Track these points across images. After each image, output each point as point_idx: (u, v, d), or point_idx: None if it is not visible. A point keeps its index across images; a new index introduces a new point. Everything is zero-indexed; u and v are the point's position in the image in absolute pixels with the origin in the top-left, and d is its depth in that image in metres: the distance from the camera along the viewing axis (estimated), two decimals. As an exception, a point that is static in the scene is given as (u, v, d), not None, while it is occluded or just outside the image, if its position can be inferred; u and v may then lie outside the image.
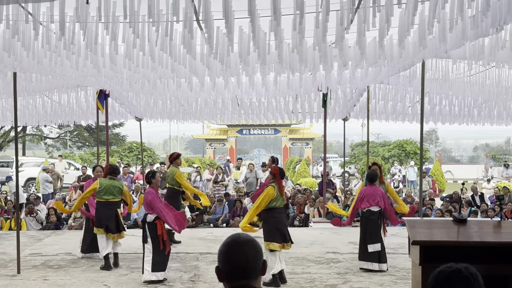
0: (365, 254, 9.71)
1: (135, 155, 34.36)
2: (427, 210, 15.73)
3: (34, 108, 15.95)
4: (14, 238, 9.93)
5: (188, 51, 7.70)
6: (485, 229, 5.68)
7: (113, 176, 10.23)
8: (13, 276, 9.51)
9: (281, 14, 6.45)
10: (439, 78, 11.70)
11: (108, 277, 9.34)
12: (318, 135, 43.45)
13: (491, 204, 18.03)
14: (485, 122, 16.87)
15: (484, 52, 8.65)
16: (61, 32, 6.75)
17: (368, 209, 9.73)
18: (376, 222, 9.74)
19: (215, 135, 45.82)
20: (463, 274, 2.46)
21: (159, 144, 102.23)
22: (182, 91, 12.89)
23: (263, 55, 7.75)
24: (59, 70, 9.53)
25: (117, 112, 17.33)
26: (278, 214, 8.87)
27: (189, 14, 6.56)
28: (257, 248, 2.54)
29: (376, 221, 9.73)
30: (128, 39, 7.63)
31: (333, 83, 12.13)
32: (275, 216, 8.82)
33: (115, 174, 10.29)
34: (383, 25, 6.78)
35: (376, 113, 16.42)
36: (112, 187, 10.06)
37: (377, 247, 9.63)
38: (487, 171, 37.50)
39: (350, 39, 7.91)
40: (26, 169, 30.35)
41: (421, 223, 6.03)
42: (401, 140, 37.85)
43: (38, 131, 48.94)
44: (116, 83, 11.55)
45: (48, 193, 21.81)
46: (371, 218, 9.71)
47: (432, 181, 25.23)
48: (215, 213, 16.55)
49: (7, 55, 7.91)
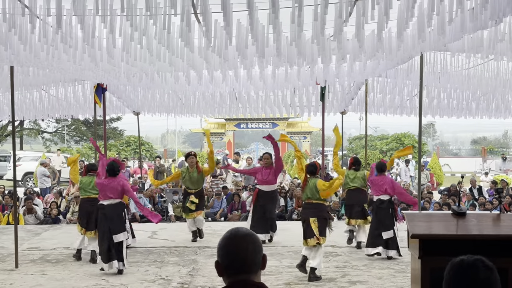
0: (372, 240, 10.14)
1: (133, 149, 34.33)
2: (426, 204, 15.73)
3: (31, 102, 15.88)
4: (12, 232, 9.92)
5: (186, 45, 7.65)
6: (485, 222, 5.66)
7: (93, 173, 10.21)
8: (11, 271, 9.50)
9: (279, 7, 6.43)
10: (437, 71, 11.67)
11: (106, 272, 9.32)
12: (316, 129, 43.37)
13: (489, 197, 18.04)
14: (483, 115, 16.85)
15: (483, 45, 8.62)
16: (58, 25, 6.71)
17: (378, 198, 10.16)
18: (387, 210, 10.12)
19: (212, 128, 45.75)
20: (486, 263, 2.48)
21: (157, 138, 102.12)
22: (180, 85, 12.85)
23: (261, 48, 7.71)
24: (56, 63, 9.48)
25: (115, 106, 17.28)
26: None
27: (187, 7, 6.52)
28: (257, 242, 2.53)
29: (386, 209, 10.12)
30: (126, 33, 7.58)
31: (331, 77, 12.09)
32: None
33: (94, 170, 10.24)
34: (381, 18, 6.75)
35: (374, 107, 16.39)
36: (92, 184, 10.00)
37: (390, 233, 10.02)
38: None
39: (349, 32, 7.88)
40: (24, 163, 30.28)
41: (420, 217, 6.01)
42: (399, 134, 37.89)
43: (35, 126, 48.82)
44: (114, 76, 11.50)
45: (46, 187, 21.77)
46: (381, 207, 10.12)
47: (430, 174, 25.26)
48: (213, 207, 16.52)
49: (4, 49, 7.87)
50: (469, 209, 15.86)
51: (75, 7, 6.42)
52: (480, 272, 2.44)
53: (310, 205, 8.84)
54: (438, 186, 26.43)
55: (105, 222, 9.10)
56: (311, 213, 8.78)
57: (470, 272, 2.45)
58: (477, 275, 2.44)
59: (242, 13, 6.89)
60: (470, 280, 2.43)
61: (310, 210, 8.84)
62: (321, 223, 8.72)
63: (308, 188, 8.85)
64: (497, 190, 6.16)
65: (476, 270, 2.44)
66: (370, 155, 31.33)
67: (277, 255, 10.48)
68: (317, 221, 8.68)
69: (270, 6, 6.40)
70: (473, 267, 2.45)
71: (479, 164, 39.63)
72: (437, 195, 19.42)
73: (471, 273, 2.44)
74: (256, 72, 11.79)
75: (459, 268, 2.48)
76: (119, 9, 6.48)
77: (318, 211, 8.79)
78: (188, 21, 6.74)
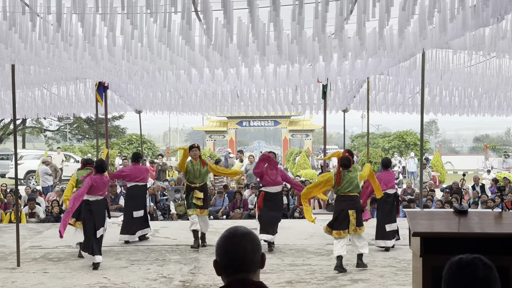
0: (381, 233, 10.65)
1: (135, 147, 34.35)
2: (428, 202, 15.71)
3: (33, 101, 15.86)
4: (14, 230, 9.92)
5: (187, 43, 7.63)
6: (486, 220, 5.64)
7: (89, 166, 10.65)
8: (12, 269, 9.50)
9: (280, 4, 6.41)
10: (439, 68, 11.63)
11: (108, 270, 9.33)
12: (318, 127, 43.39)
13: (492, 194, 18.01)
14: (485, 113, 16.81)
15: (485, 42, 8.60)
16: (58, 23, 6.69)
17: (385, 192, 10.47)
18: (392, 204, 10.74)
19: (215, 127, 45.75)
20: (485, 262, 2.46)
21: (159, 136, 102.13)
22: (181, 83, 12.83)
23: (262, 46, 7.69)
24: (57, 62, 9.48)
25: (117, 104, 17.26)
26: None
27: (187, 5, 6.50)
28: (256, 241, 2.52)
29: (392, 203, 10.74)
30: (126, 31, 7.57)
31: (333, 74, 12.06)
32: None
33: (90, 164, 10.78)
34: (383, 16, 6.72)
35: (376, 104, 16.36)
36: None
37: (394, 226, 10.68)
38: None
39: (350, 29, 7.85)
40: (26, 162, 30.32)
41: (421, 215, 6.00)
42: (401, 131, 37.89)
43: (38, 124, 48.85)
44: (115, 75, 11.49)
45: (48, 185, 21.83)
46: (387, 201, 10.64)
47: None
48: (215, 205, 16.52)
49: (4, 47, 7.86)
50: (472, 207, 15.85)
51: (75, 5, 6.40)
52: (479, 271, 2.42)
53: (348, 197, 9.22)
54: (440, 184, 26.41)
55: (91, 217, 9.46)
56: (349, 206, 9.19)
57: (469, 270, 2.43)
58: (476, 274, 2.42)
59: (243, 11, 6.87)
60: (469, 279, 2.42)
61: (348, 202, 9.22)
62: (359, 215, 9.23)
63: (347, 181, 9.20)
64: (499, 188, 6.14)
65: (475, 269, 2.43)
66: (372, 153, 31.33)
67: (279, 253, 10.46)
68: (355, 213, 9.16)
69: (271, 4, 6.37)
70: (472, 266, 2.44)
71: (482, 161, 39.55)
72: (439, 193, 19.40)
73: (470, 271, 2.43)
74: (258, 70, 11.76)
75: (458, 267, 2.46)
76: (119, 7, 6.46)
77: (356, 203, 9.27)
78: (189, 19, 6.72)
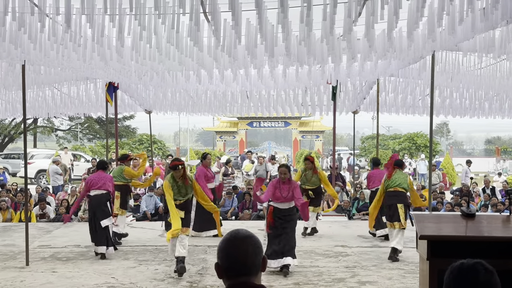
0: (380, 224, 11.35)
1: (145, 147, 34.45)
2: (438, 205, 15.64)
3: (43, 100, 15.95)
4: (24, 230, 9.97)
5: (195, 44, 7.65)
6: (494, 223, 5.62)
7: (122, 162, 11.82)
8: (21, 268, 9.55)
9: (288, 6, 6.41)
10: (449, 70, 11.58)
11: (116, 270, 9.35)
12: (329, 128, 43.26)
13: (502, 198, 17.91)
14: (496, 115, 16.73)
15: (495, 45, 8.56)
16: (67, 24, 6.72)
17: (377, 188, 10.93)
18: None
19: (225, 127, 45.81)
20: (486, 266, 2.46)
21: (169, 136, 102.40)
22: (191, 84, 12.86)
23: (271, 48, 7.70)
24: (66, 62, 9.53)
25: (127, 104, 17.34)
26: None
27: (195, 6, 6.52)
28: (257, 244, 2.51)
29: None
30: (135, 32, 7.60)
31: (343, 76, 12.06)
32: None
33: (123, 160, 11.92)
34: (391, 18, 6.71)
35: (386, 106, 16.34)
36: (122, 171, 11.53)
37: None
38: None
39: (359, 31, 7.84)
40: (37, 161, 30.45)
41: (429, 218, 5.98)
42: (412, 133, 37.75)
43: (49, 123, 49.09)
44: (125, 75, 11.54)
45: (58, 185, 21.92)
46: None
47: (443, 174, 25.10)
48: (224, 206, 16.53)
49: (14, 47, 7.90)
50: (481, 210, 15.75)
51: (84, 6, 6.43)
52: (480, 275, 2.42)
53: (397, 192, 9.99)
54: (450, 186, 26.27)
55: (91, 210, 10.36)
56: (399, 200, 9.92)
57: (470, 275, 2.43)
58: (477, 279, 2.41)
59: (251, 12, 6.87)
60: (470, 284, 2.41)
61: (397, 197, 9.96)
62: (406, 209, 9.92)
63: (399, 178, 10.05)
64: (507, 191, 6.10)
65: (476, 274, 2.42)
66: (383, 154, 31.24)
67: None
68: (403, 207, 9.87)
69: (279, 6, 6.38)
70: (473, 271, 2.43)
71: (493, 164, 39.31)
72: (449, 196, 19.30)
73: (471, 276, 2.42)
74: (267, 71, 11.77)
75: (459, 272, 2.46)
76: (128, 8, 6.49)
77: (404, 198, 10.01)
78: (197, 20, 6.74)
